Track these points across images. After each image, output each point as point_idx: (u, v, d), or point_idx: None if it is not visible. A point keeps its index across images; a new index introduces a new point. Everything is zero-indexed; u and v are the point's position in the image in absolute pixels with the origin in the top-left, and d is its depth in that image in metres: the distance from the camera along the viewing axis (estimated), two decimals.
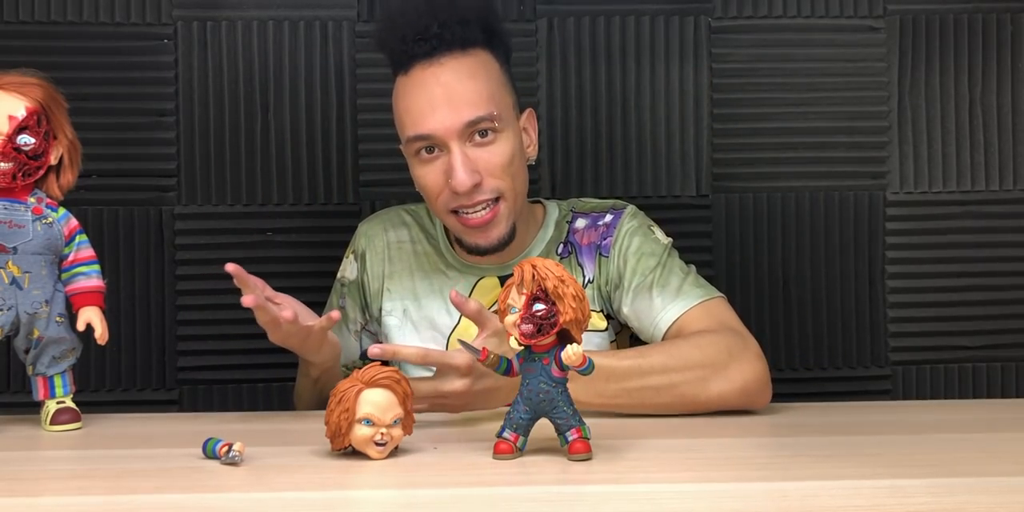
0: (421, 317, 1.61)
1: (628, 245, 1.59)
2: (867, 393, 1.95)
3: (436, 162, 1.50)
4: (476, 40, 1.51)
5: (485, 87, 1.50)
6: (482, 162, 1.49)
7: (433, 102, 1.47)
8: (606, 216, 1.63)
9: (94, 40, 1.89)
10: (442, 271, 1.63)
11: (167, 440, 1.31)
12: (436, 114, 1.47)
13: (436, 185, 1.51)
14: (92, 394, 1.86)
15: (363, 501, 1.06)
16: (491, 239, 1.53)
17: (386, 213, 1.71)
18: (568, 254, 1.61)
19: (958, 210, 1.98)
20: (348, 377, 1.16)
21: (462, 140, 1.48)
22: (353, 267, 1.67)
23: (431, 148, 1.50)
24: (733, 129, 1.97)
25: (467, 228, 1.52)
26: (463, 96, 1.47)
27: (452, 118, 1.47)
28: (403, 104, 1.52)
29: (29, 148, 1.31)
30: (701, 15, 1.96)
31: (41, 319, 1.34)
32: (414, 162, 1.53)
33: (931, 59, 1.97)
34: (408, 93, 1.51)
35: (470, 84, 1.49)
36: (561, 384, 1.15)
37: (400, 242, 1.66)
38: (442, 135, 1.47)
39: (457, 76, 1.49)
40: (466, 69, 1.49)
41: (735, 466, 1.15)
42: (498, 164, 1.50)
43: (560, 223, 1.64)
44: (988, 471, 1.12)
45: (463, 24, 1.50)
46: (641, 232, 1.61)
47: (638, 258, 1.58)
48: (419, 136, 1.49)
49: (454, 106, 1.47)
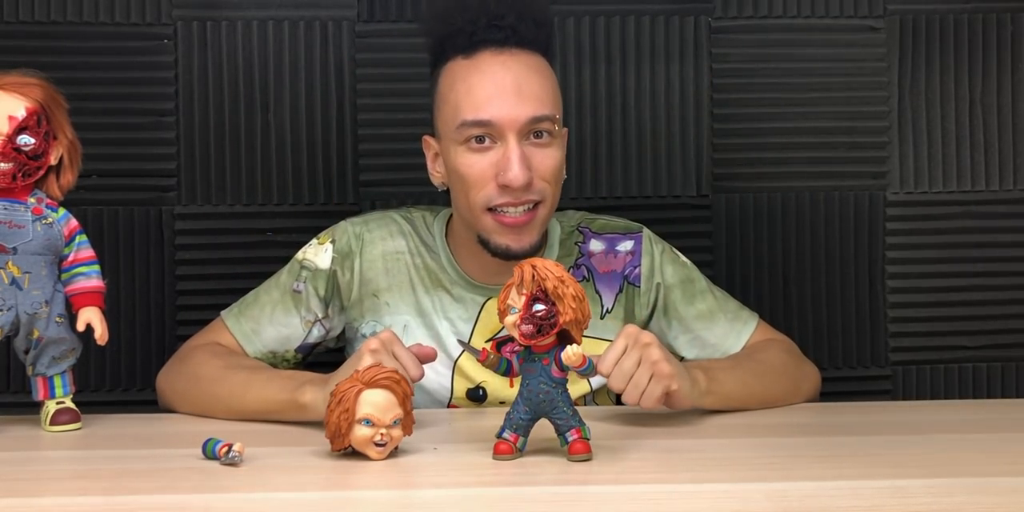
0: (426, 334, 1.55)
1: (664, 274, 1.60)
2: (867, 393, 1.95)
3: (487, 153, 1.44)
4: (542, 45, 1.49)
5: (551, 89, 1.48)
6: (536, 162, 1.44)
7: (502, 89, 1.42)
8: (624, 241, 1.60)
9: (94, 40, 1.89)
10: (446, 289, 1.56)
11: (167, 440, 1.31)
12: (503, 102, 1.42)
13: (483, 177, 1.44)
14: (92, 394, 1.86)
15: (363, 501, 1.06)
16: (523, 243, 1.47)
17: (381, 218, 1.61)
18: (583, 279, 1.57)
19: (958, 210, 1.98)
20: (348, 377, 1.16)
21: (520, 136, 1.43)
22: (327, 257, 1.57)
23: (483, 138, 1.44)
24: (733, 129, 1.96)
25: (503, 227, 1.46)
26: (532, 91, 1.44)
27: (518, 110, 1.42)
28: (463, 86, 1.44)
29: (29, 148, 1.31)
30: (701, 15, 1.96)
31: (41, 319, 1.34)
32: (459, 150, 1.45)
33: (931, 59, 1.97)
34: (471, 76, 1.44)
35: (539, 81, 1.46)
36: (561, 384, 1.15)
37: (399, 253, 1.58)
38: (503, 125, 1.42)
39: (528, 71, 1.45)
40: (536, 66, 1.47)
41: (735, 466, 1.15)
42: (550, 167, 1.46)
43: (566, 242, 1.60)
44: (988, 471, 1.12)
45: (538, 25, 1.48)
46: (669, 258, 1.61)
47: (683, 287, 1.60)
48: (478, 121, 1.42)
49: (522, 98, 1.43)
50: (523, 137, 1.44)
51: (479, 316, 1.55)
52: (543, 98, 1.45)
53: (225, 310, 1.61)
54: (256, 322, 1.57)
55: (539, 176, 1.45)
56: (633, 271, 1.59)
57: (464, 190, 1.47)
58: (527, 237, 1.47)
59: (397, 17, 1.92)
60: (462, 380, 1.54)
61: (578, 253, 1.60)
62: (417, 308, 1.56)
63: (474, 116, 1.43)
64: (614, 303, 1.58)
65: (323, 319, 1.58)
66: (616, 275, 1.59)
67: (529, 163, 1.44)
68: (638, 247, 1.60)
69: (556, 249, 1.59)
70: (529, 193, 1.45)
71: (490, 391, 1.54)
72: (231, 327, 1.57)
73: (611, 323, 1.57)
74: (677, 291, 1.60)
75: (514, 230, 1.46)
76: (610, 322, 1.57)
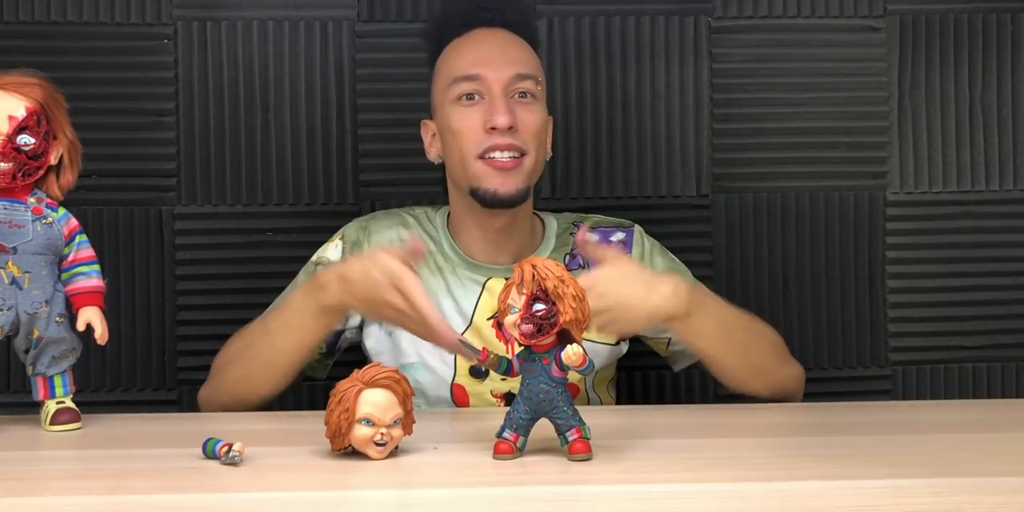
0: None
1: (653, 263, 1.65)
2: (867, 393, 1.95)
3: (475, 106, 1.56)
4: (525, 35, 1.63)
5: (534, 59, 1.62)
6: (519, 117, 1.55)
7: (489, 51, 1.58)
8: (617, 233, 1.67)
9: (94, 40, 1.89)
10: (450, 270, 1.62)
11: (167, 440, 1.31)
12: (490, 61, 1.56)
13: (472, 128, 1.55)
14: (92, 394, 1.86)
15: (363, 501, 1.06)
16: (510, 187, 1.55)
17: (385, 213, 1.71)
18: (578, 267, 1.62)
19: (958, 210, 1.98)
20: (348, 377, 1.16)
21: (506, 92, 1.56)
22: (337, 251, 1.64)
23: (472, 95, 1.56)
24: (733, 129, 1.97)
25: (492, 171, 1.55)
26: (517, 54, 1.59)
27: (504, 67, 1.56)
28: (454, 54, 1.60)
29: (29, 148, 1.31)
30: (701, 15, 1.96)
31: (41, 319, 1.34)
32: (453, 108, 1.57)
33: (931, 59, 1.97)
34: (462, 45, 1.60)
35: (524, 49, 1.61)
36: (561, 384, 1.15)
37: (404, 240, 1.63)
38: (491, 80, 1.55)
39: (513, 40, 1.61)
40: (520, 40, 1.62)
41: (735, 466, 1.15)
42: (533, 123, 1.57)
43: (563, 235, 1.66)
44: (988, 471, 1.12)
45: (520, 15, 1.65)
46: (659, 252, 1.68)
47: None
48: (468, 76, 1.56)
49: (507, 59, 1.57)
50: (508, 94, 1.56)
51: (481, 294, 1.60)
52: (527, 62, 1.60)
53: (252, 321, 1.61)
54: None
55: (523, 128, 1.56)
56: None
57: (457, 144, 1.57)
58: (513, 181, 1.55)
59: (397, 17, 1.93)
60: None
61: (573, 244, 1.65)
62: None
63: (464, 72, 1.57)
64: None
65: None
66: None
67: (514, 113, 1.55)
68: (630, 238, 1.67)
69: (552, 242, 1.65)
70: (514, 138, 1.55)
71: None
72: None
73: None
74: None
75: (502, 173, 1.55)
76: None
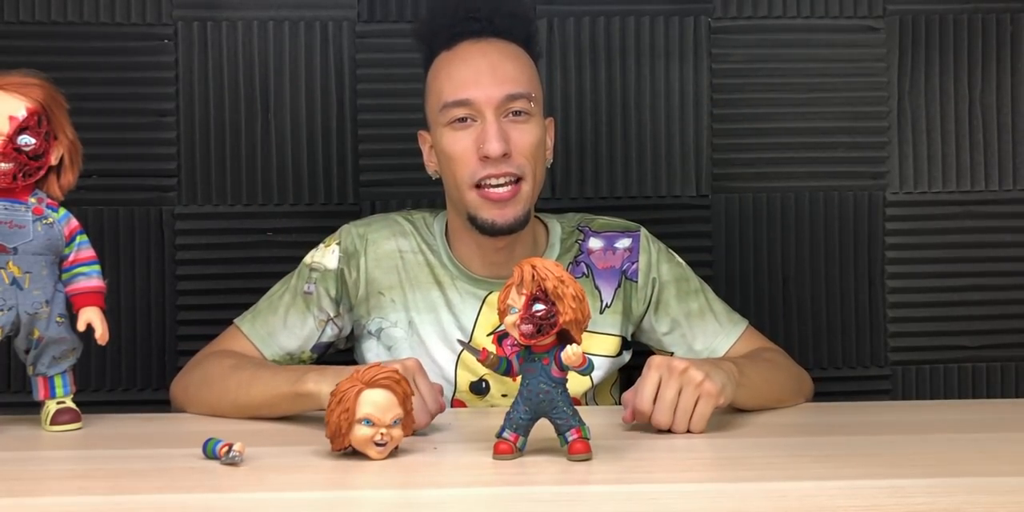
0: (430, 330, 1.58)
1: (660, 271, 1.64)
2: (867, 393, 1.95)
3: (468, 130, 1.51)
4: (519, 36, 1.57)
5: (527, 71, 1.55)
6: (514, 138, 1.51)
7: (478, 72, 1.51)
8: (622, 239, 1.65)
9: (94, 40, 1.89)
10: (449, 284, 1.60)
11: (167, 440, 1.31)
12: (479, 83, 1.50)
13: (465, 153, 1.51)
14: (92, 394, 1.86)
15: (363, 501, 1.06)
16: (507, 217, 1.51)
17: (383, 220, 1.66)
18: (582, 275, 1.61)
19: (958, 210, 1.98)
20: (348, 377, 1.16)
21: (498, 113, 1.50)
22: (334, 258, 1.61)
23: (464, 118, 1.51)
24: (733, 129, 1.96)
25: (488, 202, 1.51)
26: (507, 72, 1.52)
27: (494, 89, 1.50)
28: (444, 73, 1.54)
29: (30, 148, 1.31)
30: (701, 15, 1.96)
31: (41, 319, 1.34)
32: (445, 131, 1.53)
33: (931, 59, 1.97)
34: (451, 64, 1.54)
35: (514, 63, 1.54)
36: (561, 384, 1.15)
37: (402, 252, 1.61)
38: (481, 103, 1.50)
39: (503, 55, 1.53)
40: (511, 52, 1.55)
41: (735, 466, 1.16)
42: (528, 143, 1.52)
43: (567, 241, 1.64)
44: (988, 471, 1.12)
45: (512, 17, 1.56)
46: (665, 257, 1.66)
47: (678, 284, 1.64)
48: (458, 101, 1.50)
49: (497, 79, 1.51)
50: (501, 114, 1.51)
51: (481, 309, 1.58)
52: (518, 78, 1.52)
53: (237, 319, 1.62)
54: (271, 326, 1.60)
55: (518, 151, 1.51)
56: (631, 267, 1.63)
57: (452, 169, 1.53)
58: (511, 211, 1.52)
59: (397, 17, 1.93)
60: (465, 373, 1.57)
61: (577, 251, 1.63)
62: (421, 304, 1.59)
63: (454, 97, 1.51)
64: (613, 298, 1.61)
65: (335, 318, 1.62)
66: (614, 271, 1.62)
67: (507, 137, 1.50)
68: (636, 244, 1.64)
69: (557, 248, 1.63)
70: (508, 165, 1.50)
71: (493, 384, 1.56)
72: (247, 332, 1.60)
73: (610, 317, 1.61)
74: (671, 288, 1.63)
75: (498, 205, 1.51)
76: (609, 316, 1.61)
